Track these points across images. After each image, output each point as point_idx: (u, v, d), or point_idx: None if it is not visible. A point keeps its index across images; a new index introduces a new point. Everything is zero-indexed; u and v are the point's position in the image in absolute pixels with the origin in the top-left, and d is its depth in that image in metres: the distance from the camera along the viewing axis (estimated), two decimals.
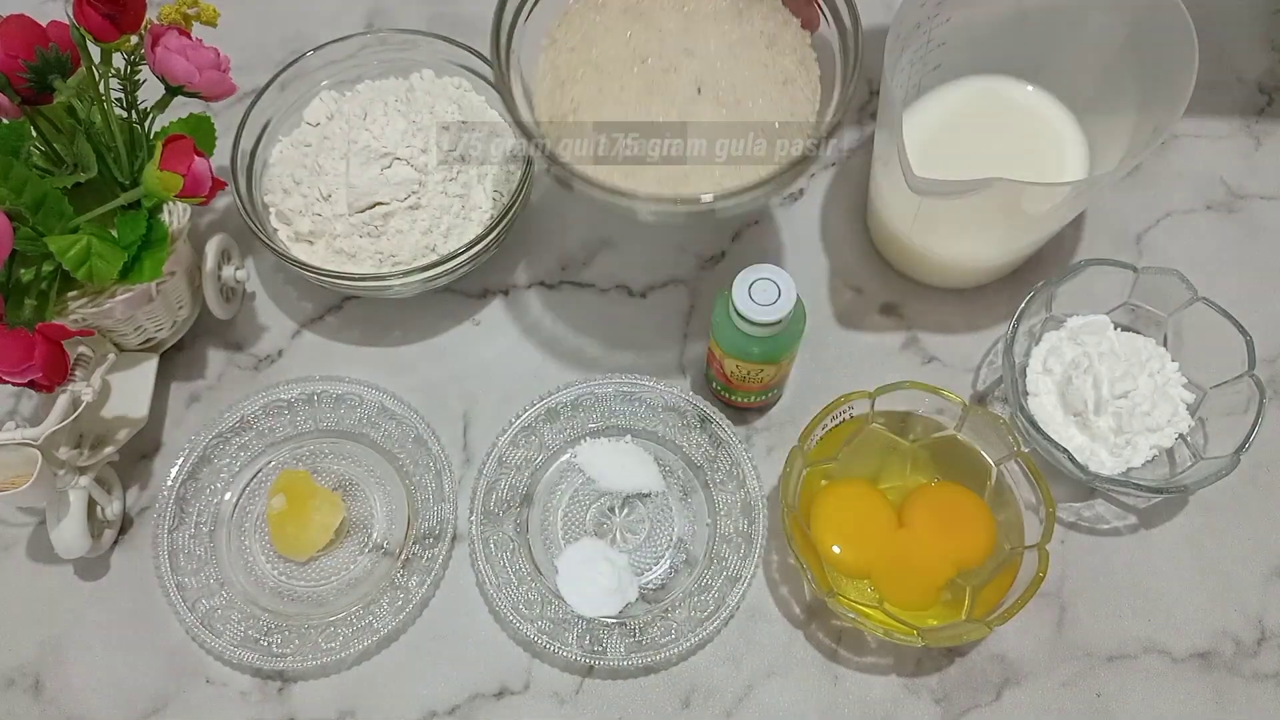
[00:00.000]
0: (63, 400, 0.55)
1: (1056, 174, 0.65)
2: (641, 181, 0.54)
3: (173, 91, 0.59)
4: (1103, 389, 0.59)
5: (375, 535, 0.62)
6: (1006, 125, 0.67)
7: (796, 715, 0.57)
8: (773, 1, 0.58)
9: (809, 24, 0.58)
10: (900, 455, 0.59)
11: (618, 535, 0.61)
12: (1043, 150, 0.66)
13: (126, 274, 0.54)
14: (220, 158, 0.64)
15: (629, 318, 0.69)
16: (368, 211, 0.63)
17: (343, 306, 0.70)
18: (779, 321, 0.53)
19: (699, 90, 0.55)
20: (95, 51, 0.55)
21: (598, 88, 0.56)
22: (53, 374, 0.50)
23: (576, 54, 0.57)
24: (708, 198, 0.51)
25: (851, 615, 0.53)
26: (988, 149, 0.66)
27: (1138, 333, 0.64)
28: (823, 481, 0.59)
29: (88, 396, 0.56)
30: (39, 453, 0.54)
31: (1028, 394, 0.62)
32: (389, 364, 0.67)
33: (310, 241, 0.65)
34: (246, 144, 0.66)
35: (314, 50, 0.68)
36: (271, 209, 0.66)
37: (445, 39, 0.68)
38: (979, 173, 0.51)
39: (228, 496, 0.63)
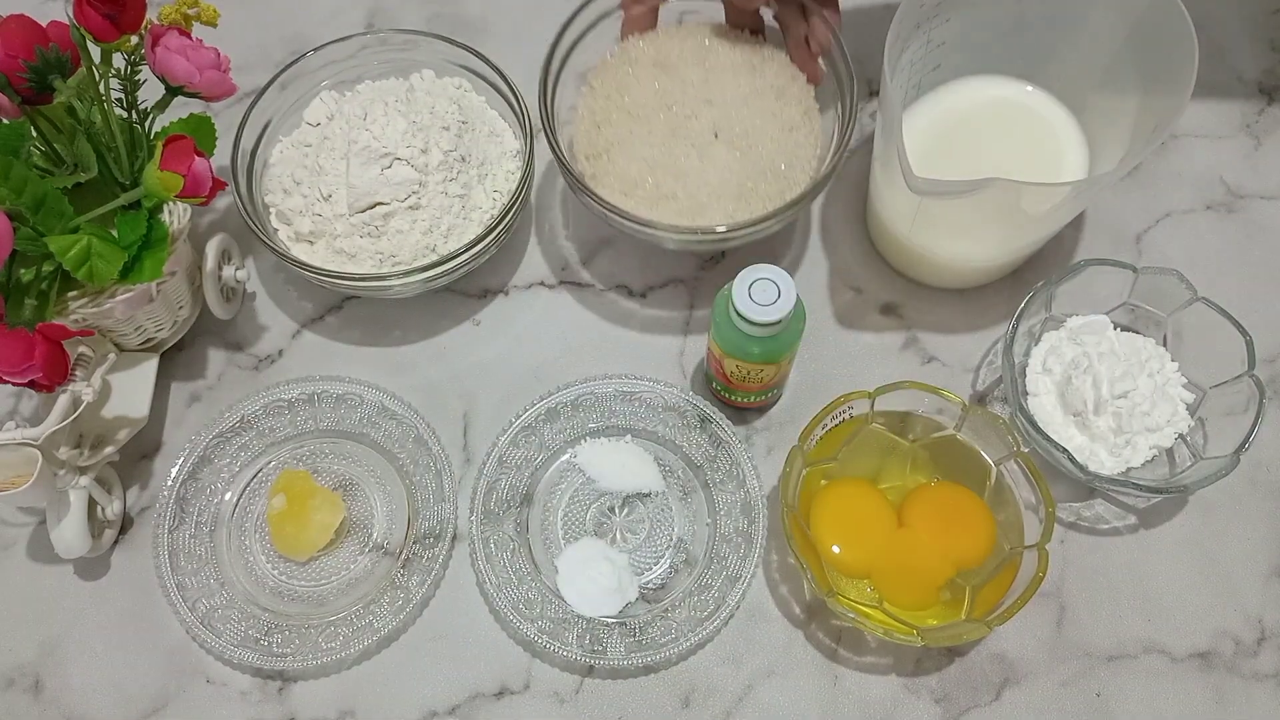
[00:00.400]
0: (63, 400, 0.55)
1: (1056, 174, 0.65)
2: (664, 213, 0.61)
3: (173, 91, 0.59)
4: (1102, 389, 0.59)
5: (375, 535, 0.62)
6: (1006, 125, 0.67)
7: (796, 715, 0.57)
8: (782, 59, 0.65)
9: (813, 79, 0.66)
10: (900, 455, 0.59)
11: (618, 535, 0.61)
12: (1043, 150, 0.66)
13: (127, 274, 0.54)
14: (220, 158, 0.64)
15: (629, 318, 0.69)
16: (368, 211, 0.63)
17: (343, 306, 0.70)
18: (779, 321, 0.53)
19: (716, 135, 0.63)
20: (95, 51, 0.55)
21: (629, 130, 0.63)
22: (53, 374, 0.50)
23: (611, 100, 0.64)
24: (721, 229, 0.59)
25: (851, 615, 0.53)
26: (987, 149, 0.66)
27: (1137, 333, 0.64)
28: (822, 481, 0.59)
29: (88, 396, 0.56)
30: (39, 453, 0.54)
31: (1027, 394, 0.62)
32: (389, 364, 0.68)
33: (310, 241, 0.65)
34: (247, 144, 0.66)
35: (314, 50, 0.68)
36: (272, 209, 0.66)
37: (445, 39, 0.68)
38: (978, 173, 0.51)
39: (228, 496, 0.63)
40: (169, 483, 0.62)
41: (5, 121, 0.54)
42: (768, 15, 0.65)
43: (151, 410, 0.62)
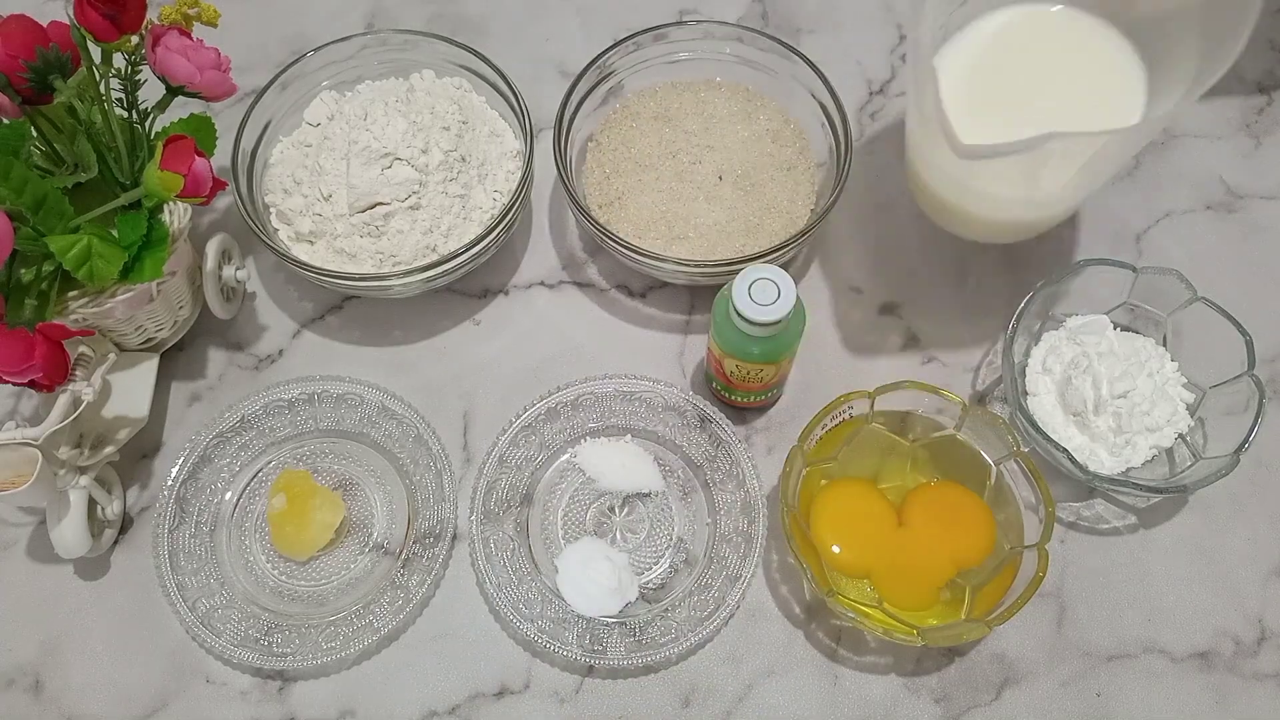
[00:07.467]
0: (63, 400, 0.55)
1: (1115, 108, 0.57)
2: (679, 251, 0.65)
3: (173, 92, 0.59)
4: (1102, 389, 0.59)
5: (375, 535, 0.62)
6: (1050, 57, 0.59)
7: (796, 715, 0.57)
8: (773, 106, 0.70)
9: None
10: (900, 455, 0.59)
11: (618, 535, 0.61)
12: (1096, 83, 0.58)
13: (127, 274, 0.54)
14: (221, 158, 0.64)
15: (629, 318, 0.69)
16: (368, 211, 0.63)
17: (343, 306, 0.70)
18: (779, 321, 0.53)
19: (720, 177, 0.67)
20: (96, 51, 0.55)
21: (638, 179, 0.67)
22: (53, 374, 0.50)
23: (619, 152, 0.69)
24: (736, 258, 0.60)
25: (851, 615, 0.53)
26: (1034, 89, 0.59)
27: (1137, 332, 0.64)
28: (822, 481, 0.59)
29: (88, 396, 0.56)
30: (39, 452, 0.54)
31: (1027, 394, 0.62)
32: (389, 364, 0.68)
33: (311, 241, 0.65)
34: (247, 144, 0.66)
35: (314, 50, 0.68)
36: (272, 209, 0.66)
37: (445, 39, 0.68)
38: (1027, 118, 0.46)
39: (228, 496, 0.63)
40: (169, 483, 0.62)
41: (5, 121, 0.54)
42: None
43: (151, 410, 0.62)
